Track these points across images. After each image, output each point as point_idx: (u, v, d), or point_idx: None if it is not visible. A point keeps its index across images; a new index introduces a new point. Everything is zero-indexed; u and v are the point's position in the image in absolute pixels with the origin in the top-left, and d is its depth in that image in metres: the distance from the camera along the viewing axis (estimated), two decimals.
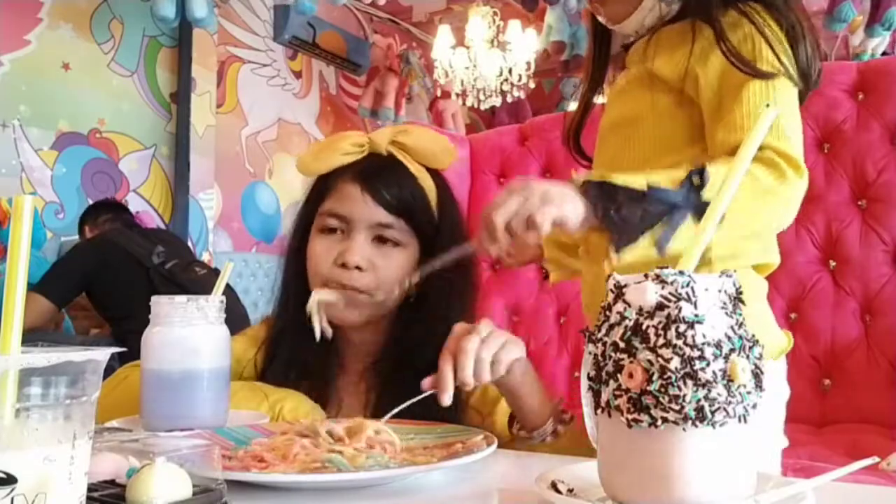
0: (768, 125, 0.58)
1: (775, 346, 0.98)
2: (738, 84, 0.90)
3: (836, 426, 1.58)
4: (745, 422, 0.49)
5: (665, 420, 0.48)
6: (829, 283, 1.66)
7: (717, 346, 0.49)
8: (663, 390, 0.48)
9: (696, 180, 0.79)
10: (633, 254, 0.80)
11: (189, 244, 4.02)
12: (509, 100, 5.30)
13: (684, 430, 0.48)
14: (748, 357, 0.50)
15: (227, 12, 4.77)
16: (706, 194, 0.79)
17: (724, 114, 0.91)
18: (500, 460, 0.76)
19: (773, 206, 0.88)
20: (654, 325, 0.49)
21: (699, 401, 0.48)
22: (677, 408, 0.48)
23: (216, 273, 2.38)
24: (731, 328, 0.50)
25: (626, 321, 0.51)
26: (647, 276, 0.51)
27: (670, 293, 0.50)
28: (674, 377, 0.48)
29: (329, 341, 1.04)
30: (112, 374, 0.98)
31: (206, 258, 4.24)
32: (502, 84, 5.20)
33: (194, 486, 0.53)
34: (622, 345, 0.50)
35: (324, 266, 1.04)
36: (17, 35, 3.77)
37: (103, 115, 4.12)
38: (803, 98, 0.95)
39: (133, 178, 4.24)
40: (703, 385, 0.48)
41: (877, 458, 0.64)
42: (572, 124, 1.13)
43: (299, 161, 1.11)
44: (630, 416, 0.49)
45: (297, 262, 1.09)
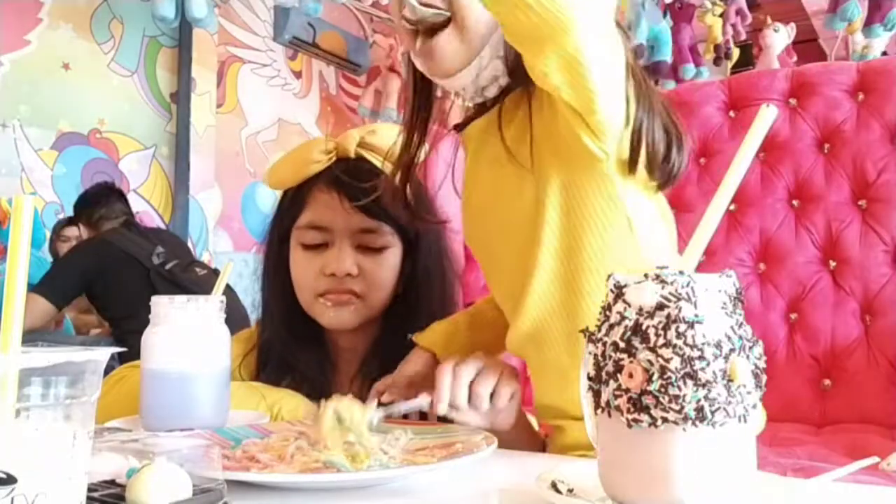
0: (767, 126, 0.57)
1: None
2: None
3: (836, 426, 1.58)
4: (745, 422, 0.50)
5: (665, 420, 0.48)
6: (829, 283, 1.66)
7: (717, 346, 0.49)
8: (663, 390, 0.48)
9: None
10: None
11: (189, 244, 4.02)
12: None
13: (684, 430, 0.48)
14: (748, 357, 0.50)
15: (227, 12, 4.77)
16: None
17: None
18: (500, 460, 0.76)
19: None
20: (654, 325, 0.49)
21: (699, 401, 0.48)
22: (677, 408, 0.48)
23: (216, 273, 2.38)
24: (731, 328, 0.50)
25: (626, 321, 0.51)
26: (647, 276, 0.51)
27: (670, 293, 0.50)
28: (674, 377, 0.48)
29: (319, 346, 1.06)
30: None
31: (206, 258, 4.24)
32: None
33: (194, 486, 0.54)
34: (622, 345, 0.50)
35: (312, 280, 1.04)
36: (17, 35, 3.76)
37: (103, 115, 4.12)
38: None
39: (133, 178, 4.24)
40: (703, 385, 0.48)
41: (877, 458, 0.64)
42: (405, 167, 0.95)
43: (268, 176, 1.08)
44: (630, 416, 0.49)
45: (278, 276, 1.09)
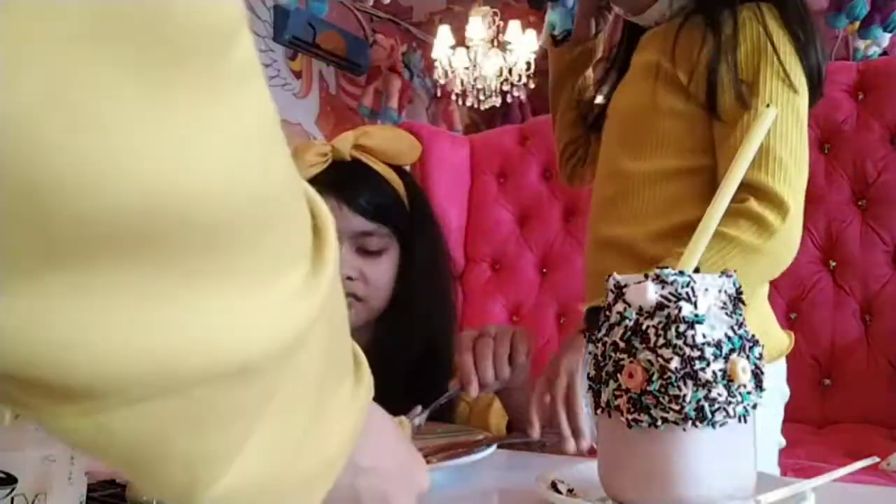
0: (767, 127, 0.57)
1: (777, 347, 0.97)
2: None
3: (836, 426, 1.58)
4: (745, 422, 0.49)
5: (665, 420, 0.48)
6: (829, 283, 1.66)
7: (717, 346, 0.49)
8: (663, 390, 0.48)
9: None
10: None
11: None
12: (509, 100, 5.30)
13: (684, 430, 0.48)
14: (748, 357, 0.50)
15: None
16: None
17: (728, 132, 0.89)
18: (500, 460, 0.76)
19: (762, 265, 0.84)
20: (654, 325, 0.49)
21: (699, 401, 0.48)
22: (677, 408, 0.48)
23: None
24: (731, 328, 0.50)
25: (626, 321, 0.51)
26: (647, 276, 0.51)
27: (670, 293, 0.50)
28: (674, 377, 0.48)
29: None
30: None
31: None
32: (502, 84, 5.21)
33: None
34: (622, 345, 0.50)
35: None
36: None
37: None
38: (811, 105, 0.92)
39: None
40: (703, 385, 0.48)
41: (877, 458, 0.64)
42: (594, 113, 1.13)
43: None
44: (630, 416, 0.49)
45: None
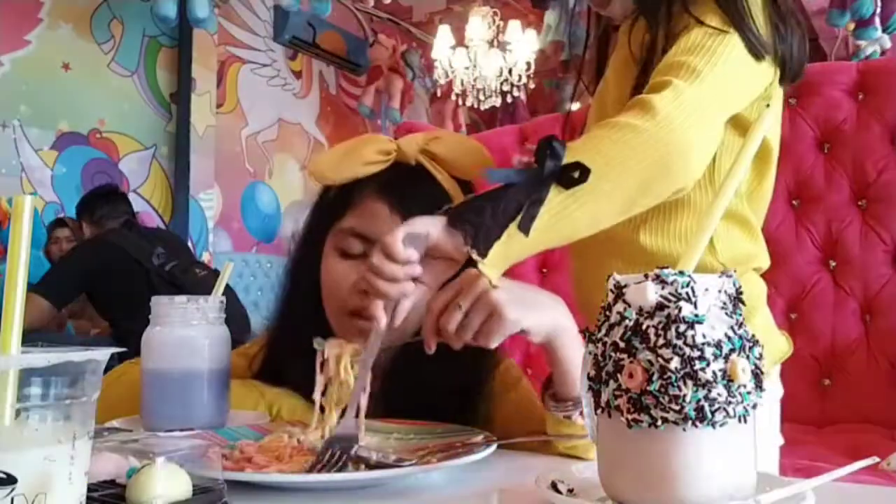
0: (766, 127, 0.57)
1: (778, 352, 0.97)
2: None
3: (836, 426, 1.58)
4: (745, 422, 0.49)
5: (665, 420, 0.48)
6: (829, 283, 1.66)
7: (717, 346, 0.49)
8: (663, 390, 0.48)
9: (546, 151, 0.72)
10: (501, 251, 0.72)
11: (189, 244, 4.03)
12: (509, 100, 5.30)
13: (684, 430, 0.48)
14: (748, 357, 0.50)
15: (227, 12, 4.77)
16: (569, 157, 0.72)
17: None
18: (500, 460, 0.76)
19: (641, 148, 0.75)
20: (654, 325, 0.49)
21: (699, 401, 0.48)
22: (677, 408, 0.48)
23: (216, 274, 2.38)
24: (731, 328, 0.50)
25: (626, 321, 0.51)
26: (647, 276, 0.51)
27: (670, 293, 0.50)
28: (674, 377, 0.48)
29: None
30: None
31: (206, 258, 4.25)
32: (502, 84, 5.21)
33: (194, 486, 0.54)
34: (622, 345, 0.50)
35: (344, 292, 0.93)
36: (17, 35, 3.77)
37: (103, 116, 4.12)
38: (783, 84, 0.90)
39: (133, 179, 4.25)
40: (703, 385, 0.48)
41: (877, 458, 0.64)
42: (580, 122, 1.09)
43: (314, 167, 0.97)
44: (630, 416, 0.49)
45: (307, 278, 0.98)
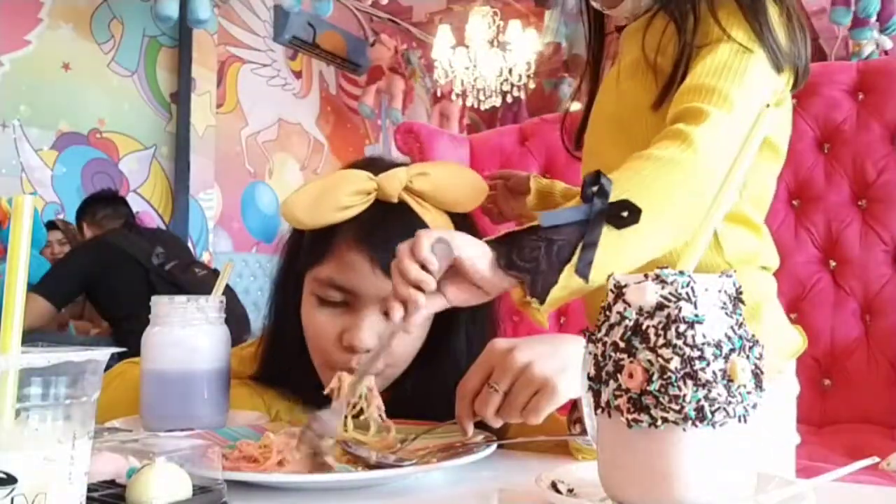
0: (766, 126, 0.57)
1: (792, 347, 0.96)
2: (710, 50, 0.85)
3: (836, 426, 1.58)
4: (745, 422, 0.49)
5: (665, 420, 0.48)
6: (829, 283, 1.66)
7: (717, 346, 0.49)
8: (663, 390, 0.48)
9: (594, 189, 0.72)
10: (559, 295, 0.71)
11: (189, 244, 4.03)
12: (509, 100, 5.30)
13: (684, 430, 0.48)
14: (748, 357, 0.50)
15: (227, 12, 4.77)
16: (616, 194, 0.72)
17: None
18: (500, 460, 0.76)
19: (677, 174, 0.76)
20: (654, 325, 0.49)
21: (699, 401, 0.48)
22: (677, 408, 0.48)
23: (216, 274, 2.39)
24: (731, 328, 0.50)
25: (626, 321, 0.51)
26: (647, 276, 0.51)
27: (670, 293, 0.50)
28: (674, 377, 0.48)
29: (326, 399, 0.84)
30: None
31: (206, 258, 4.24)
32: (502, 84, 5.21)
33: (194, 486, 0.54)
34: (622, 345, 0.50)
35: (327, 345, 0.88)
36: (17, 35, 3.77)
37: (103, 115, 4.12)
38: (794, 90, 0.91)
39: (133, 179, 4.25)
40: (703, 385, 0.48)
41: (877, 458, 0.64)
42: (575, 124, 1.08)
43: (286, 209, 0.88)
44: (630, 416, 0.49)
45: (289, 321, 0.93)
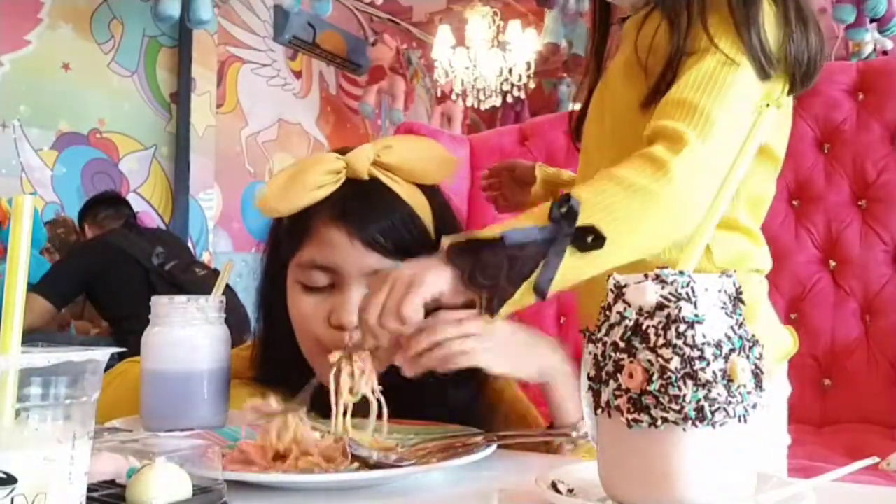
0: (766, 126, 0.57)
1: (784, 349, 0.97)
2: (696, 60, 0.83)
3: (836, 426, 1.58)
4: (745, 422, 0.49)
5: (665, 420, 0.48)
6: (829, 283, 1.66)
7: (717, 346, 0.49)
8: (663, 390, 0.48)
9: (562, 210, 0.73)
10: (510, 308, 0.73)
11: (189, 244, 4.03)
12: (509, 100, 5.30)
13: (684, 430, 0.48)
14: (748, 357, 0.50)
15: (227, 12, 4.77)
16: (584, 218, 0.72)
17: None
18: (500, 460, 0.76)
19: (653, 212, 0.75)
20: (654, 325, 0.49)
21: (699, 401, 0.48)
22: (677, 408, 0.48)
23: (216, 274, 2.39)
24: (731, 328, 0.50)
25: (626, 321, 0.51)
26: (647, 276, 0.51)
27: (670, 293, 0.50)
28: (674, 377, 0.48)
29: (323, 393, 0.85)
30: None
31: (206, 258, 4.24)
32: (502, 84, 5.21)
33: (194, 486, 0.54)
34: (622, 345, 0.50)
35: (316, 328, 0.88)
36: (17, 35, 3.77)
37: (103, 115, 4.12)
38: (796, 92, 0.89)
39: (133, 179, 4.24)
40: (703, 385, 0.48)
41: (877, 458, 0.64)
42: (575, 116, 1.08)
43: (260, 199, 0.89)
44: (630, 416, 0.49)
45: (274, 316, 0.94)
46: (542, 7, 4.56)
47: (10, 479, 0.38)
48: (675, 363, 0.48)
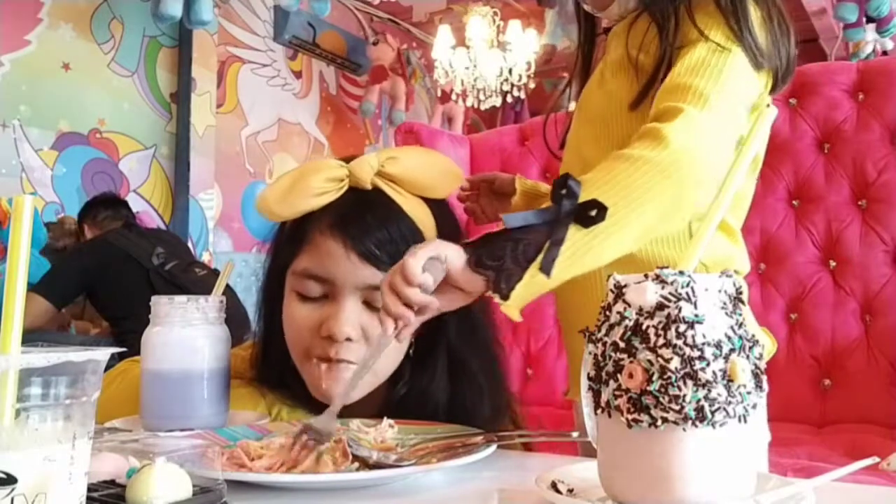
0: (768, 126, 0.58)
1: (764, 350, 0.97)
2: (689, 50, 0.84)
3: (836, 426, 1.58)
4: (745, 422, 0.50)
5: (665, 420, 0.48)
6: (829, 283, 1.66)
7: (717, 346, 0.49)
8: (663, 390, 0.48)
9: (562, 191, 0.73)
10: (523, 292, 0.72)
11: (189, 244, 4.03)
12: (509, 100, 5.30)
13: (684, 430, 0.48)
14: (748, 357, 0.50)
15: (227, 12, 4.77)
16: (586, 195, 0.73)
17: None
18: (500, 460, 0.76)
19: (659, 181, 0.75)
20: (654, 325, 0.49)
21: (699, 401, 0.48)
22: (677, 408, 0.48)
23: (216, 274, 2.39)
24: (731, 328, 0.50)
25: (626, 321, 0.51)
26: (647, 276, 0.51)
27: (670, 293, 0.50)
28: (674, 377, 0.48)
29: (317, 406, 0.87)
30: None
31: (206, 258, 4.24)
32: (502, 84, 5.21)
33: (194, 486, 0.54)
34: (622, 345, 0.50)
35: (306, 337, 0.88)
36: (17, 35, 3.76)
37: (103, 115, 4.12)
38: (775, 92, 0.90)
39: (133, 179, 4.24)
40: (703, 385, 0.48)
41: (877, 458, 0.64)
42: (559, 124, 1.08)
43: (261, 202, 0.88)
44: (630, 416, 0.49)
45: (278, 319, 0.92)
46: (543, 6, 4.56)
47: (10, 479, 0.38)
48: (675, 363, 0.48)
